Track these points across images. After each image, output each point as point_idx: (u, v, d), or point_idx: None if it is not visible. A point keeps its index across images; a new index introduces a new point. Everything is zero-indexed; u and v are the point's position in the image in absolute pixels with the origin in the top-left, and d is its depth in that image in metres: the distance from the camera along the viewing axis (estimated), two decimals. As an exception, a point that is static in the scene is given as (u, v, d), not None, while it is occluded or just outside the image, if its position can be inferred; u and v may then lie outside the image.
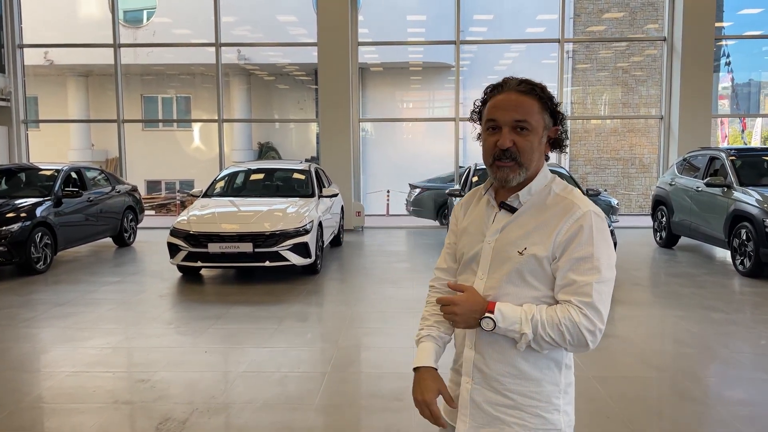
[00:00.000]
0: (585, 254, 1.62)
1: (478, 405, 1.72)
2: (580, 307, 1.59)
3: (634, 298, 6.94)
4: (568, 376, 1.74)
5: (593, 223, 1.64)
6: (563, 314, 1.60)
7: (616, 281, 2.35)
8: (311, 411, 3.96)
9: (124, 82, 13.88)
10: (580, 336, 1.59)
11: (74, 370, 4.71)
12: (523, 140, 1.67)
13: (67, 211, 8.98)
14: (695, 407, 3.99)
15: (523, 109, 1.67)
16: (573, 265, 1.62)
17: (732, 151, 9.03)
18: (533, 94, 1.69)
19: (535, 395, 1.68)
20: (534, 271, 1.66)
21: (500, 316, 1.62)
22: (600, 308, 1.61)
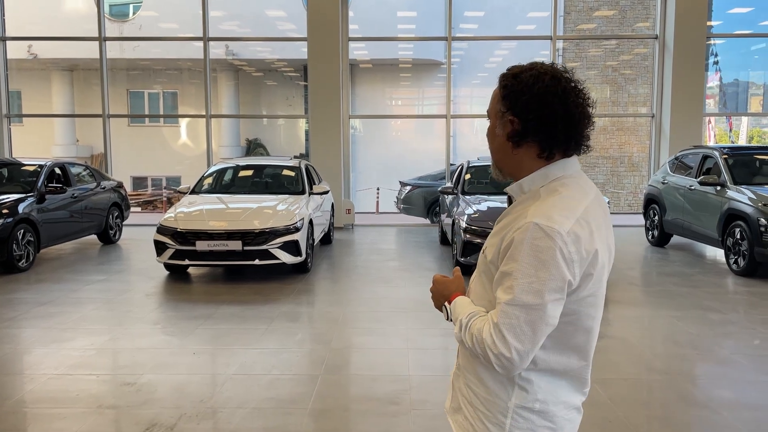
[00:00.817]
0: (508, 269, 1.45)
1: (455, 388, 1.72)
2: (491, 325, 1.46)
3: (629, 297, 6.86)
4: (523, 398, 1.55)
5: (528, 237, 1.43)
6: (480, 326, 1.49)
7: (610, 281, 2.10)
8: (304, 415, 3.82)
9: (110, 76, 13.63)
10: (485, 354, 1.46)
11: (57, 372, 4.54)
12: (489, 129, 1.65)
13: (50, 207, 8.76)
14: (699, 411, 3.90)
15: (490, 98, 1.63)
16: (500, 279, 1.48)
17: (725, 150, 8.98)
18: (500, 82, 1.60)
19: (484, 402, 1.60)
20: (487, 273, 1.56)
21: (453, 308, 1.62)
22: (505, 333, 1.42)
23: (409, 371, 4.58)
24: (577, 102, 1.54)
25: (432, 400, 4.06)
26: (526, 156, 1.57)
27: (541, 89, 1.52)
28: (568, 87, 1.55)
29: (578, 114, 1.54)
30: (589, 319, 1.54)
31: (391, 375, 4.50)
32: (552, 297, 1.42)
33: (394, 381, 4.37)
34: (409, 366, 4.70)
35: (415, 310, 6.26)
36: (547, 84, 1.53)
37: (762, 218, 7.44)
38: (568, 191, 1.52)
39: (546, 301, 1.42)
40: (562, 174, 1.56)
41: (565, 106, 1.52)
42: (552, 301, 1.43)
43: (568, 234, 1.43)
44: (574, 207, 1.49)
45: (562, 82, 1.54)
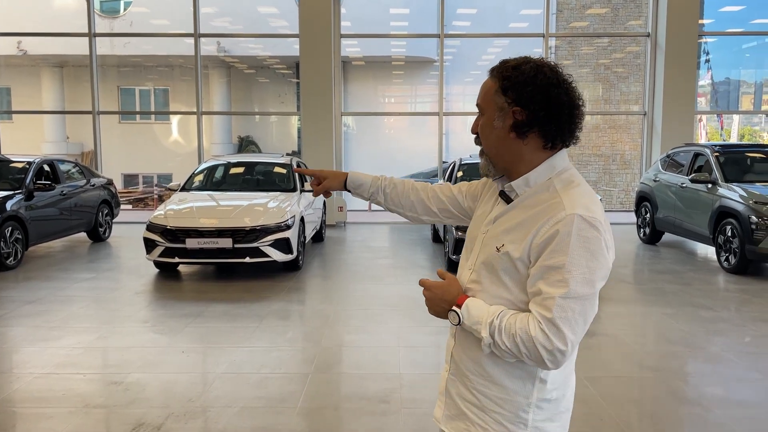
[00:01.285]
0: (556, 263, 1.43)
1: (451, 395, 1.67)
2: (539, 321, 1.43)
3: (621, 295, 6.85)
4: (543, 391, 1.56)
5: (574, 229, 1.42)
6: (522, 325, 1.46)
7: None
8: (293, 414, 3.78)
9: (101, 73, 13.53)
10: (535, 352, 1.44)
11: (43, 371, 4.48)
12: (478, 124, 1.62)
13: (38, 204, 8.67)
14: (691, 409, 3.89)
15: (480, 91, 1.61)
16: (543, 273, 1.45)
17: (716, 148, 8.99)
18: (492, 74, 1.61)
19: (500, 402, 1.57)
20: (509, 271, 1.53)
21: (466, 312, 1.55)
22: (562, 327, 1.42)
23: (400, 369, 4.55)
24: (575, 93, 1.57)
25: (422, 398, 4.03)
26: (528, 148, 1.56)
27: (544, 80, 1.53)
28: (565, 79, 1.57)
29: (578, 104, 1.57)
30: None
31: (382, 373, 4.46)
32: (600, 285, 1.47)
33: (385, 379, 4.33)
34: (400, 364, 4.67)
35: (406, 308, 6.23)
36: (548, 75, 1.54)
37: (753, 216, 7.45)
38: (582, 182, 1.56)
39: (596, 290, 1.46)
40: (566, 165, 1.58)
41: (568, 97, 1.55)
42: (599, 289, 1.47)
43: (605, 222, 1.48)
44: (596, 197, 1.52)
45: (559, 74, 1.57)
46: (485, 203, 1.73)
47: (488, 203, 1.70)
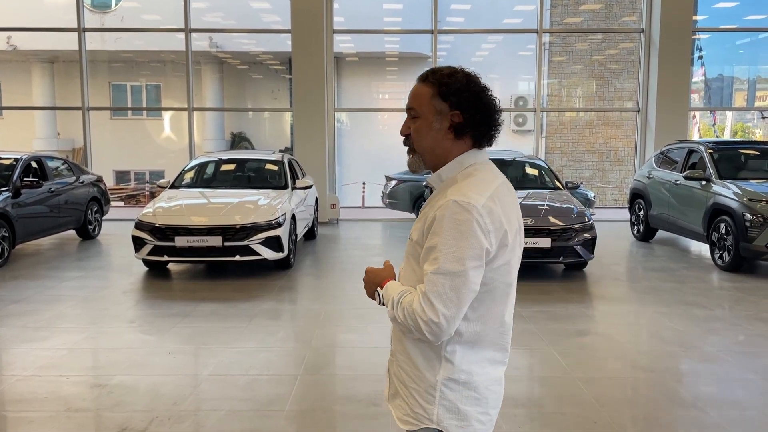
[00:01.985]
0: (432, 243, 1.61)
1: (390, 374, 1.83)
2: (419, 295, 1.61)
3: (614, 293, 6.80)
4: (449, 370, 1.70)
5: (448, 213, 1.60)
6: (409, 300, 1.63)
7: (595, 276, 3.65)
8: (281, 418, 3.70)
9: (92, 69, 13.39)
10: (416, 323, 1.60)
11: (26, 373, 4.38)
12: (413, 126, 1.75)
13: (26, 202, 8.55)
14: (687, 411, 3.82)
15: (414, 96, 1.75)
16: (426, 254, 1.64)
17: (711, 145, 8.94)
18: (426, 81, 1.75)
19: (415, 378, 1.73)
20: (416, 255, 1.70)
21: (385, 292, 1.73)
22: (433, 300, 1.58)
23: (391, 371, 4.47)
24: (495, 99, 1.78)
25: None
26: (457, 147, 1.74)
27: (476, 87, 1.74)
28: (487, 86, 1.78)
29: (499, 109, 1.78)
30: (505, 286, 1.71)
31: (373, 374, 4.39)
32: (472, 264, 1.59)
33: (376, 381, 4.26)
34: (391, 365, 4.58)
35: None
36: (478, 83, 1.75)
37: (747, 213, 7.41)
38: (481, 174, 1.72)
39: (467, 267, 1.58)
40: (475, 161, 1.75)
41: (493, 102, 1.76)
42: (473, 268, 1.59)
43: (483, 207, 1.61)
44: (486, 186, 1.68)
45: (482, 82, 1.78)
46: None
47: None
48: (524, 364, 4.71)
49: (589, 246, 7.25)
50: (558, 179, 8.79)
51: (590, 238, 7.25)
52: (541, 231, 7.08)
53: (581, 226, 7.20)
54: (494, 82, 21.16)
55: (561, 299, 6.43)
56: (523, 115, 19.28)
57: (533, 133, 13.60)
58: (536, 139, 13.32)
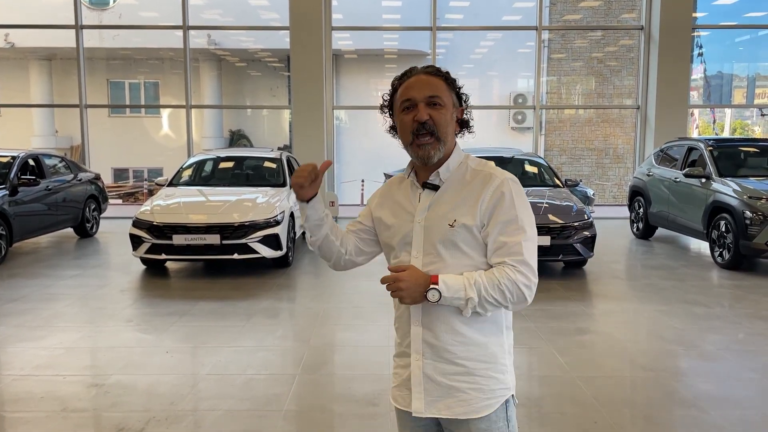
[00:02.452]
0: (510, 217, 1.73)
1: (431, 378, 1.78)
2: (514, 265, 1.70)
3: (614, 291, 6.78)
4: (509, 337, 1.85)
5: (512, 189, 1.75)
6: (501, 275, 1.69)
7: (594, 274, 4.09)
8: (278, 418, 3.67)
9: (90, 66, 13.34)
10: (519, 292, 1.70)
11: (22, 373, 4.36)
12: (438, 114, 1.77)
13: (23, 200, 8.51)
14: (687, 411, 3.80)
15: (434, 86, 1.79)
16: (501, 229, 1.73)
17: (710, 142, 8.91)
18: (439, 75, 1.82)
19: (483, 358, 1.77)
20: (466, 240, 1.74)
21: (444, 286, 1.69)
22: (531, 263, 1.73)
23: (390, 370, 4.44)
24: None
25: (412, 400, 3.92)
26: (454, 141, 1.86)
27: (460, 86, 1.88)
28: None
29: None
30: None
31: (371, 374, 4.36)
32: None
33: (374, 380, 4.23)
34: (390, 364, 4.55)
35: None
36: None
37: (747, 211, 7.38)
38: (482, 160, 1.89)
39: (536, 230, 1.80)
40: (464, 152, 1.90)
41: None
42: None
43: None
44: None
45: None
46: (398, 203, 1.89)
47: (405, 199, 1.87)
48: (523, 362, 4.69)
49: (588, 244, 7.22)
50: (557, 177, 8.76)
51: (590, 236, 7.22)
52: (540, 229, 7.03)
53: (581, 224, 7.18)
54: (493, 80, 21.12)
55: (560, 297, 6.41)
56: (523, 113, 19.24)
57: (532, 131, 13.56)
58: (535, 136, 13.29)
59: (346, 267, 2.05)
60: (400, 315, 1.87)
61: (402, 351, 1.86)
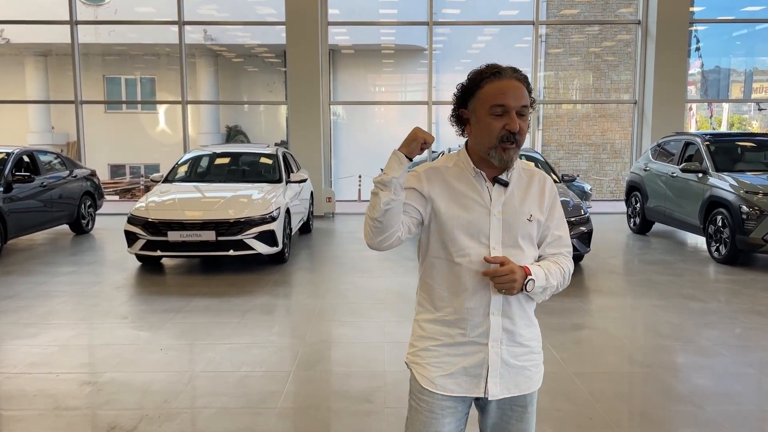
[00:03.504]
0: (560, 213, 1.98)
1: (507, 362, 1.89)
2: (567, 255, 1.97)
3: (610, 287, 6.76)
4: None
5: (555, 189, 1.99)
6: (562, 263, 1.93)
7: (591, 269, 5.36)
8: (272, 415, 3.65)
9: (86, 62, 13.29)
10: (569, 276, 1.96)
11: (15, 371, 4.33)
12: (525, 124, 1.85)
13: (18, 197, 8.47)
14: (682, 407, 3.78)
15: (525, 96, 1.84)
16: (557, 224, 1.96)
17: (707, 137, 8.89)
18: (525, 82, 1.87)
19: (537, 336, 1.98)
20: (535, 233, 1.92)
21: (536, 276, 1.84)
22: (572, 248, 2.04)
23: (385, 366, 4.43)
24: None
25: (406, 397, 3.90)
26: None
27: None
28: None
29: None
30: None
31: (367, 371, 4.34)
32: None
33: (370, 377, 4.21)
34: (385, 361, 4.55)
35: (393, 302, 6.11)
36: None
37: (744, 205, 7.37)
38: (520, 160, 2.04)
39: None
40: None
41: None
42: None
43: None
44: None
45: None
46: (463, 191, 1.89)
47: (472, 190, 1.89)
48: (519, 359, 4.67)
49: (585, 239, 7.20)
50: (554, 172, 8.74)
51: (586, 232, 7.20)
52: None
53: (577, 219, 7.15)
54: (490, 75, 21.06)
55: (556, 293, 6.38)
56: (520, 108, 19.17)
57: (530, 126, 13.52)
58: (533, 131, 13.25)
59: (392, 244, 1.90)
60: (472, 307, 1.87)
61: (470, 341, 1.88)
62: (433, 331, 1.93)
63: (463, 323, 1.88)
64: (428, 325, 1.95)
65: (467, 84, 1.89)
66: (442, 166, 1.94)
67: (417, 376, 1.96)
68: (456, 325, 1.89)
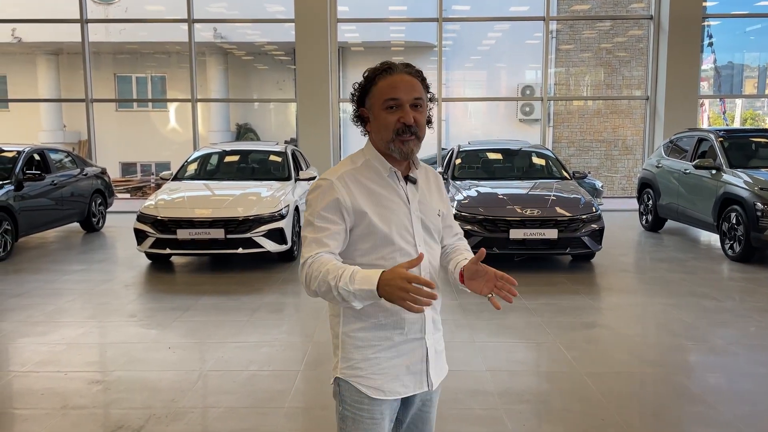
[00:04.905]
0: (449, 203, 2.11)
1: (436, 350, 1.94)
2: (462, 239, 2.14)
3: (622, 285, 6.68)
4: None
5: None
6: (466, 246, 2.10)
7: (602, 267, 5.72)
8: (280, 415, 3.63)
9: (97, 60, 13.34)
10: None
11: (24, 369, 4.33)
12: (420, 116, 1.86)
13: (29, 195, 8.50)
14: (695, 407, 3.72)
15: (417, 88, 1.86)
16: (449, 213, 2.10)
17: (721, 133, 8.78)
18: (419, 76, 1.89)
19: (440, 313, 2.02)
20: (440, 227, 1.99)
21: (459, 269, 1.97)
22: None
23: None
24: None
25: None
26: None
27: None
28: None
29: None
30: None
31: (375, 369, 4.30)
32: None
33: (377, 376, 4.17)
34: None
35: (402, 300, 6.06)
36: None
37: (758, 202, 7.26)
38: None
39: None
40: None
41: None
42: None
43: None
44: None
45: None
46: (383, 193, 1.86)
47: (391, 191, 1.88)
48: (529, 357, 4.62)
49: (596, 237, 7.13)
50: (565, 169, 8.66)
51: (598, 229, 7.13)
52: (547, 222, 6.96)
53: (588, 216, 7.08)
54: (501, 71, 20.95)
55: (567, 291, 6.33)
56: (530, 104, 19.08)
57: (540, 123, 13.43)
58: (543, 128, 13.16)
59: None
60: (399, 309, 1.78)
61: (408, 339, 1.85)
62: (369, 338, 1.84)
63: (401, 323, 1.83)
64: (362, 334, 1.84)
65: (363, 82, 1.90)
66: (352, 169, 1.88)
67: (361, 388, 1.83)
68: (393, 327, 1.83)
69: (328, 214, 1.80)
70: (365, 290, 1.63)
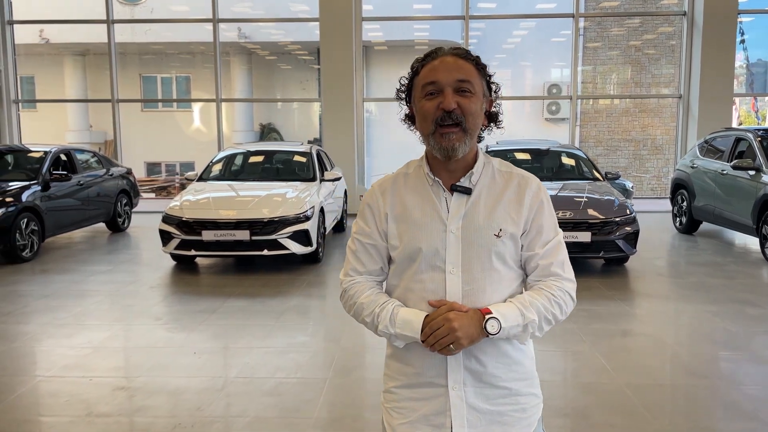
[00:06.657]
0: (540, 223, 1.59)
1: (475, 407, 1.58)
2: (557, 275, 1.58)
3: (659, 290, 6.45)
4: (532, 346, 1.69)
5: (547, 195, 1.62)
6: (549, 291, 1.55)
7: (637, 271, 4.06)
8: (308, 426, 3.50)
9: (123, 61, 13.39)
10: (569, 298, 1.58)
11: (49, 374, 4.26)
12: (467, 102, 1.53)
13: (55, 195, 8.51)
14: (747, 423, 3.51)
15: (464, 70, 1.54)
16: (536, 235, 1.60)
17: (760, 132, 8.47)
18: (470, 59, 1.57)
19: (524, 376, 1.62)
20: (511, 252, 1.57)
21: (500, 314, 1.50)
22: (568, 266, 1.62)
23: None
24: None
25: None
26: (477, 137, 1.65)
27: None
28: None
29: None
30: None
31: (405, 378, 4.15)
32: None
33: (408, 385, 4.03)
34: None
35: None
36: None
37: (802, 205, 6.97)
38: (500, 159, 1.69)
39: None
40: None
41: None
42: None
43: None
44: None
45: None
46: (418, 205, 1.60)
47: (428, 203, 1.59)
48: (567, 367, 4.44)
49: (631, 240, 6.90)
50: (597, 169, 8.43)
51: (632, 232, 6.90)
52: (580, 224, 6.75)
53: (623, 219, 6.86)
54: (526, 70, 20.65)
55: (602, 296, 6.12)
56: (557, 103, 18.78)
57: (568, 122, 13.17)
58: (571, 127, 12.90)
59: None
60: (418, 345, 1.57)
61: (426, 381, 1.59)
62: (394, 369, 1.66)
63: (415, 360, 1.60)
64: (390, 362, 1.68)
65: (408, 76, 1.65)
66: (401, 174, 1.68)
67: (384, 417, 1.69)
68: (409, 361, 1.61)
69: (363, 224, 1.68)
70: (407, 336, 1.55)
